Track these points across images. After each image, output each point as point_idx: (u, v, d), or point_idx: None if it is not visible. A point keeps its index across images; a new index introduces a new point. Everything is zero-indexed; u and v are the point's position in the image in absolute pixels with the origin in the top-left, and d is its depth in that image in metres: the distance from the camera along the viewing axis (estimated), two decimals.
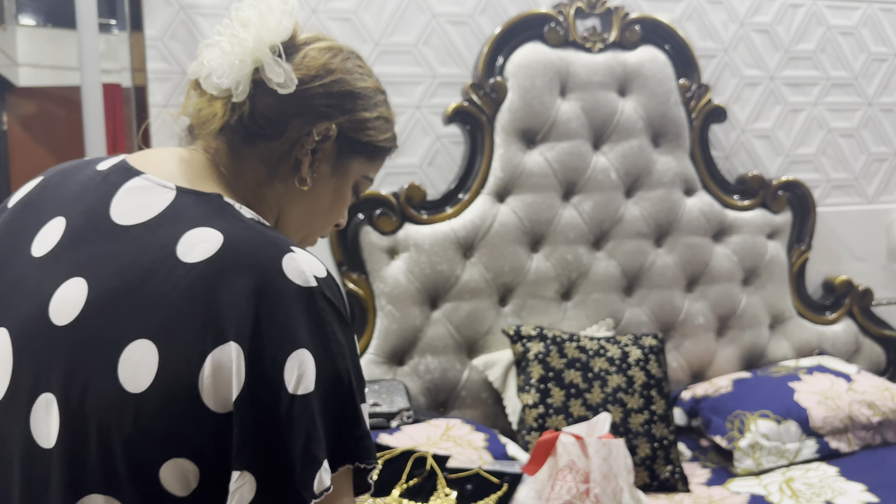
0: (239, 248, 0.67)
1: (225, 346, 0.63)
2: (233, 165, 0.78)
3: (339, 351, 0.67)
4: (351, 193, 0.85)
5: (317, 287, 0.67)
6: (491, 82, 2.06)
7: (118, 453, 0.63)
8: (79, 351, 0.66)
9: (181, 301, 0.65)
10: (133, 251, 0.68)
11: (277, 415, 0.63)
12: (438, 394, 2.01)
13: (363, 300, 1.98)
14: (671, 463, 1.82)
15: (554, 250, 2.09)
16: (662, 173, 2.19)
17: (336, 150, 0.80)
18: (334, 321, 0.67)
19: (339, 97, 0.78)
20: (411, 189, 2.01)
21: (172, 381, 0.63)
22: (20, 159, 1.99)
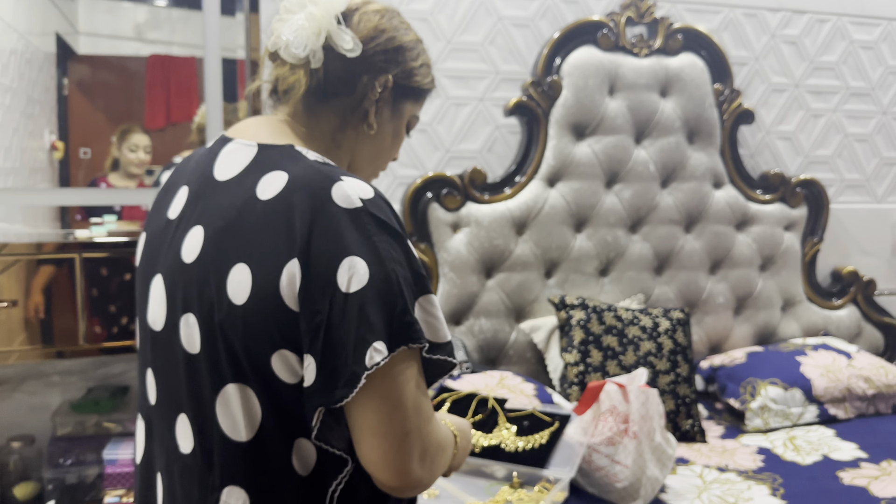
0: (299, 183, 0.81)
1: (293, 260, 0.78)
2: (309, 121, 0.93)
3: (387, 255, 0.78)
4: (405, 131, 1.01)
5: (362, 207, 0.80)
6: (548, 80, 2.33)
7: (240, 352, 0.80)
8: (204, 279, 0.83)
9: (262, 230, 0.80)
10: (230, 198, 0.85)
11: (333, 309, 0.77)
12: (489, 351, 2.31)
13: (428, 267, 2.26)
14: (692, 417, 2.11)
15: (595, 232, 2.37)
16: (695, 168, 2.46)
17: (392, 96, 0.95)
18: (381, 232, 0.80)
19: (392, 52, 0.93)
20: (474, 172, 2.29)
21: (262, 291, 0.79)
22: (79, 123, 2.12)
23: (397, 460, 0.78)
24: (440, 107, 2.35)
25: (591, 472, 1.71)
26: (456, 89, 2.37)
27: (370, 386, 0.76)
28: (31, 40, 2.10)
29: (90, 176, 2.15)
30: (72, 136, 2.12)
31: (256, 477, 0.82)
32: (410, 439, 0.78)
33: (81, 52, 2.15)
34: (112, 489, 1.71)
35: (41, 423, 1.93)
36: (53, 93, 2.12)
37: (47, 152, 2.12)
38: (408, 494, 0.82)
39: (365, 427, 0.78)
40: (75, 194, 2.11)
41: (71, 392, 1.98)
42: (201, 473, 0.84)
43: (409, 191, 2.25)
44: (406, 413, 0.78)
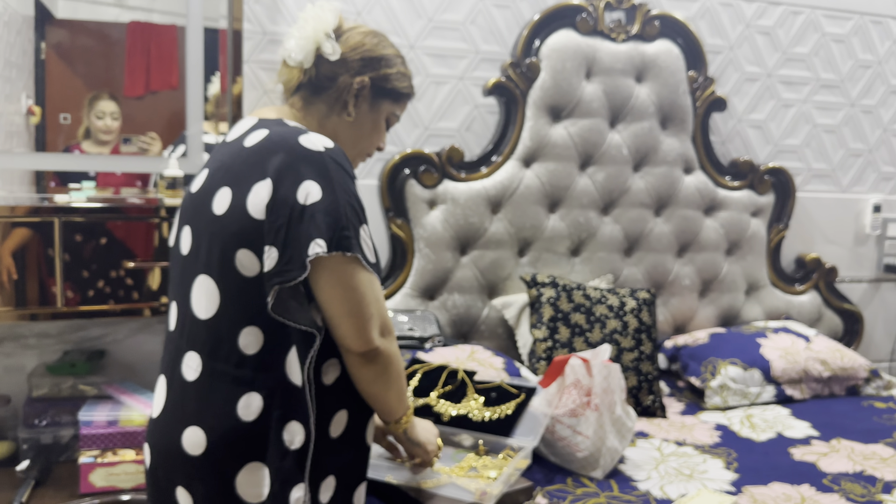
0: (275, 135, 1.13)
1: (264, 181, 1.08)
2: (304, 108, 1.24)
3: (338, 186, 1.07)
4: (384, 125, 1.29)
5: (324, 151, 1.10)
6: (527, 62, 2.36)
7: (213, 250, 1.10)
8: (199, 201, 1.15)
9: (243, 165, 1.11)
10: (229, 150, 1.17)
11: (292, 214, 1.05)
12: (462, 326, 2.36)
13: (405, 242, 2.31)
14: (653, 394, 2.19)
15: (568, 212, 2.43)
16: (667, 153, 2.53)
17: (371, 94, 1.24)
18: (336, 170, 1.08)
19: (369, 60, 1.23)
20: (451, 150, 2.33)
21: (235, 204, 1.09)
22: (56, 87, 2.11)
23: (364, 332, 1.08)
24: (420, 84, 2.38)
25: (553, 441, 1.77)
26: (436, 67, 2.40)
27: (335, 280, 1.07)
28: (8, 2, 2.07)
29: (66, 142, 2.14)
30: (49, 101, 2.11)
31: (210, 347, 1.11)
32: (374, 319, 1.09)
33: (60, 15, 2.14)
34: (87, 450, 1.75)
35: (17, 384, 1.95)
36: (31, 57, 2.10)
37: (24, 116, 2.11)
38: (371, 364, 1.11)
39: (338, 312, 1.08)
40: (54, 159, 2.12)
41: (47, 354, 2.01)
42: (177, 341, 1.16)
43: (387, 167, 2.28)
44: (367, 301, 1.08)
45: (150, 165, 2.18)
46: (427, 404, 1.81)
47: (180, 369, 1.14)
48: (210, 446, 1.10)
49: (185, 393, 1.13)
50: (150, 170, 2.19)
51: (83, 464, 1.70)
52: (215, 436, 1.09)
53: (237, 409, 1.09)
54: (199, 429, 1.10)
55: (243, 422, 1.09)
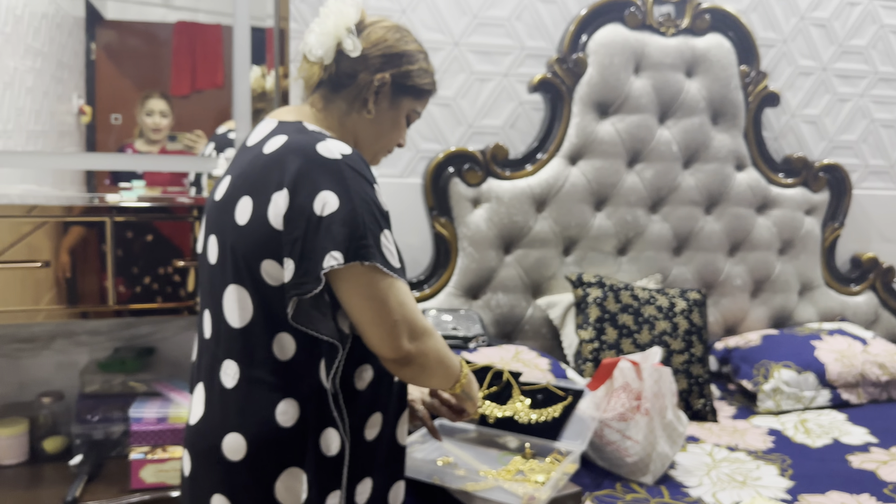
0: (293, 142, 1.10)
1: (281, 191, 1.05)
2: (325, 107, 1.20)
3: (355, 194, 1.04)
4: (405, 122, 1.26)
5: (341, 159, 1.07)
6: (574, 57, 2.32)
7: (240, 260, 1.09)
8: (223, 210, 1.13)
9: (262, 173, 1.09)
10: (248, 156, 1.14)
11: (308, 226, 1.03)
12: (505, 325, 2.34)
13: (448, 241, 2.29)
14: (704, 397, 2.14)
15: (615, 210, 2.38)
16: (718, 149, 2.46)
17: (391, 91, 1.21)
18: (354, 177, 1.05)
19: (390, 57, 1.19)
20: (496, 148, 2.30)
21: (256, 214, 1.07)
22: (106, 88, 2.14)
23: (392, 339, 1.06)
24: (464, 81, 2.36)
25: (602, 446, 1.74)
26: (480, 64, 2.37)
27: (355, 290, 1.04)
28: (61, 4, 2.12)
29: (120, 141, 2.17)
30: (99, 101, 2.14)
31: (246, 355, 1.11)
32: (399, 325, 1.06)
33: (109, 17, 2.17)
34: (137, 446, 1.77)
35: (70, 380, 1.99)
36: (82, 57, 2.14)
37: (75, 116, 2.14)
38: (407, 367, 1.09)
39: (363, 321, 1.06)
40: (99, 159, 2.15)
41: (98, 352, 2.04)
42: (213, 349, 1.15)
43: (431, 165, 2.27)
44: (391, 308, 1.05)
45: (196, 165, 2.20)
46: None
47: (219, 377, 1.14)
48: (250, 452, 1.10)
49: (225, 400, 1.13)
50: (196, 169, 2.21)
51: (134, 460, 1.73)
52: (255, 442, 1.10)
53: (275, 416, 1.10)
54: (240, 435, 1.11)
55: (282, 427, 1.09)
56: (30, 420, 1.87)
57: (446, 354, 1.17)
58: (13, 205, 1.67)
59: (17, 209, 1.66)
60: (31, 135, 2.11)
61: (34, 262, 1.67)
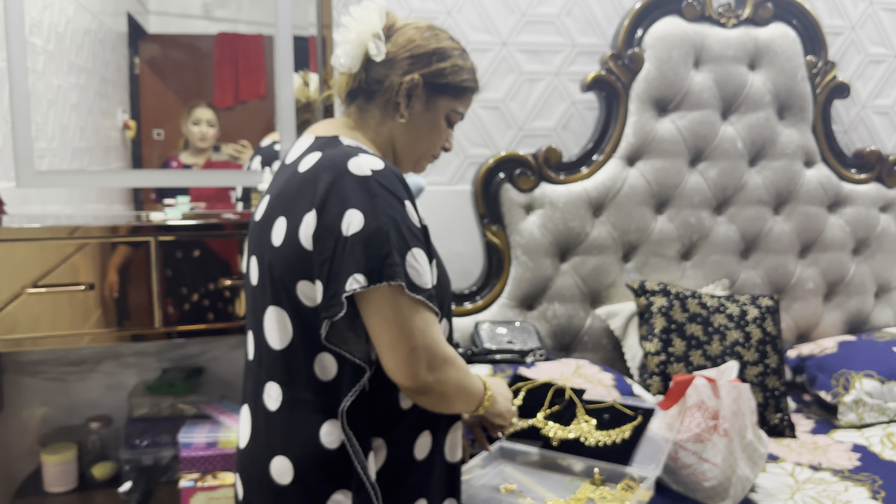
0: (326, 160, 1.07)
1: (311, 211, 1.03)
2: (360, 118, 1.18)
3: (382, 212, 1.01)
4: (445, 124, 1.20)
5: (370, 175, 1.03)
6: (629, 53, 2.20)
7: (277, 282, 1.07)
8: (262, 231, 1.12)
9: (297, 193, 1.07)
10: (286, 174, 1.13)
11: (335, 247, 1.01)
12: (563, 337, 2.23)
13: (500, 250, 2.19)
14: (781, 411, 2.00)
15: (678, 213, 2.25)
16: (785, 145, 2.31)
17: (425, 92, 1.16)
18: (382, 194, 1.02)
19: (419, 57, 1.14)
20: (548, 151, 2.20)
21: (290, 235, 1.05)
22: (150, 102, 2.14)
23: (408, 367, 1.01)
24: (513, 83, 2.26)
25: (676, 469, 1.62)
26: (530, 64, 2.27)
27: (377, 311, 1.01)
28: (103, 20, 2.11)
29: (164, 156, 2.15)
30: (143, 115, 2.13)
31: (288, 377, 1.09)
32: (417, 352, 1.01)
33: (152, 31, 2.16)
34: (187, 472, 1.71)
35: (118, 403, 1.94)
36: (126, 72, 2.14)
37: (120, 131, 2.13)
38: (424, 396, 1.05)
39: (381, 343, 1.02)
40: (143, 176, 2.11)
41: (146, 373, 1.99)
42: (256, 371, 1.14)
43: (480, 171, 2.17)
44: (411, 333, 1.01)
45: (243, 179, 2.14)
46: (534, 426, 1.68)
47: (262, 399, 1.13)
48: (298, 475, 1.08)
49: (270, 423, 1.12)
50: (242, 184, 2.16)
51: (184, 488, 1.66)
52: (301, 464, 1.08)
53: (320, 437, 1.07)
54: (286, 458, 1.09)
55: (327, 449, 1.07)
56: (78, 445, 1.82)
57: (467, 382, 1.13)
58: (56, 226, 1.62)
59: (60, 231, 1.61)
60: (76, 152, 2.09)
61: (78, 285, 1.62)
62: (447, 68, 1.15)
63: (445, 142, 1.22)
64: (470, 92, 1.20)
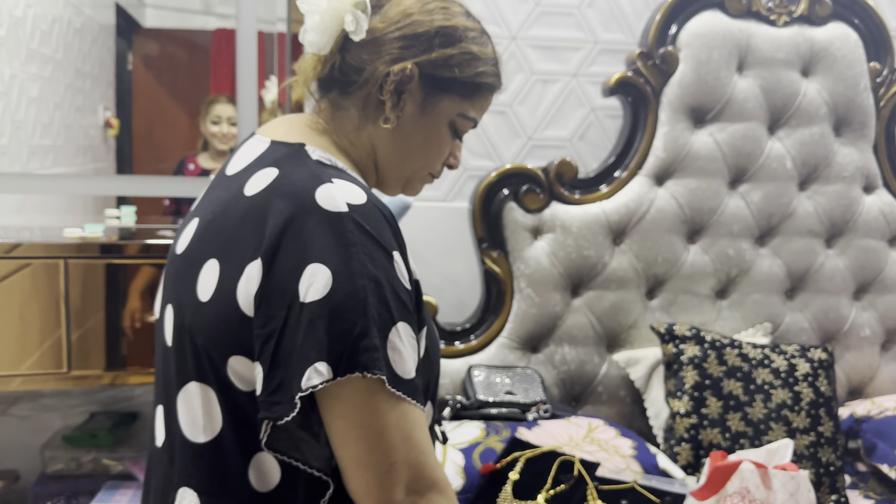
0: (284, 182, 0.77)
1: (256, 260, 0.73)
2: (333, 118, 0.86)
3: (360, 269, 0.71)
4: (449, 133, 0.88)
5: (347, 212, 0.74)
6: (661, 52, 1.86)
7: (202, 351, 0.77)
8: (184, 271, 0.81)
9: (237, 226, 0.77)
10: (225, 192, 0.81)
11: (289, 317, 0.71)
12: (573, 386, 1.88)
13: (501, 280, 1.85)
14: (836, 492, 1.64)
15: (714, 243, 1.90)
16: (842, 166, 1.96)
17: (422, 89, 0.84)
18: (363, 242, 0.73)
19: (413, 38, 0.82)
20: (562, 165, 1.86)
21: (224, 290, 0.75)
22: (143, 99, 2.01)
23: (382, 491, 0.72)
24: (523, 84, 1.92)
25: None
26: (543, 62, 1.93)
27: (344, 412, 0.71)
28: (82, 9, 1.97)
29: (161, 156, 2.02)
30: (136, 112, 2.01)
31: (210, 484, 0.79)
32: (396, 471, 0.72)
33: (148, 25, 2.04)
34: None
35: (29, 455, 1.61)
36: (111, 66, 2.00)
37: (101, 129, 1.98)
38: None
39: (347, 457, 0.73)
40: (97, 182, 1.84)
41: (71, 417, 1.66)
42: (166, 468, 0.84)
43: (481, 186, 1.83)
44: (391, 444, 0.72)
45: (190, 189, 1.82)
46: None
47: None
48: None
49: None
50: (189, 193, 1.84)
51: None
52: None
53: None
54: None
55: None
56: None
57: None
58: None
59: None
60: (34, 151, 1.88)
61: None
62: (455, 56, 0.84)
63: (450, 157, 0.91)
64: (487, 91, 0.89)
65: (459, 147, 0.92)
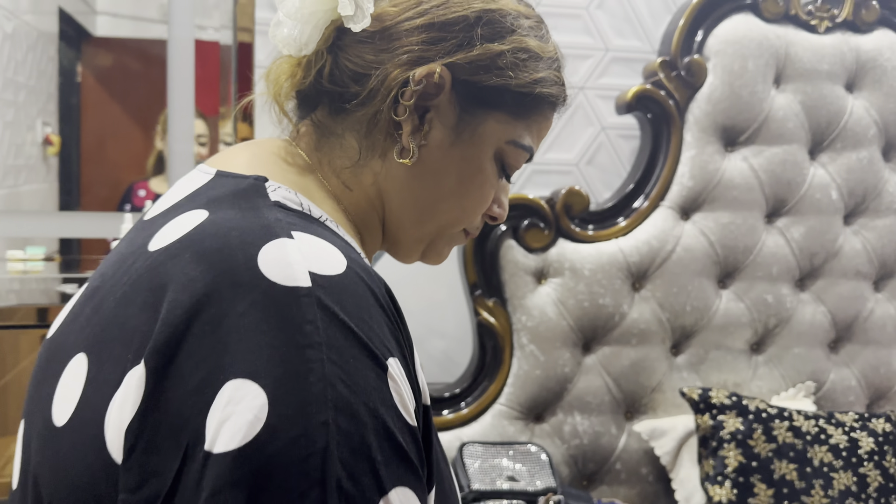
0: (209, 231, 0.48)
1: (138, 364, 0.43)
2: (319, 149, 0.58)
3: (321, 392, 0.41)
4: (494, 169, 0.60)
5: (309, 288, 0.44)
6: (686, 61, 1.56)
7: (47, 497, 0.47)
8: (46, 369, 0.52)
9: (121, 301, 0.47)
10: (128, 246, 0.53)
11: (179, 478, 0.41)
12: (586, 464, 1.55)
13: (498, 334, 1.52)
14: None
15: (750, 287, 1.60)
16: (894, 196, 1.68)
17: (457, 104, 0.57)
18: (332, 343, 0.43)
19: (443, 29, 0.55)
20: (570, 195, 1.54)
21: (87, 410, 0.45)
22: (93, 114, 1.85)
23: None
24: None
25: None
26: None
27: None
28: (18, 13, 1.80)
29: (112, 176, 1.80)
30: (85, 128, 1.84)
31: None
32: None
33: (99, 34, 1.88)
34: None
35: None
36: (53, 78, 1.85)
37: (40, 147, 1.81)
38: None
39: None
40: None
41: None
42: None
43: None
44: None
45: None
46: None
47: None
48: None
49: None
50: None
51: None
52: None
53: None
54: None
55: None
56: None
57: None
58: None
59: None
60: None
61: None
62: (505, 55, 0.57)
63: (494, 204, 0.63)
64: (548, 106, 0.61)
65: (507, 190, 0.63)
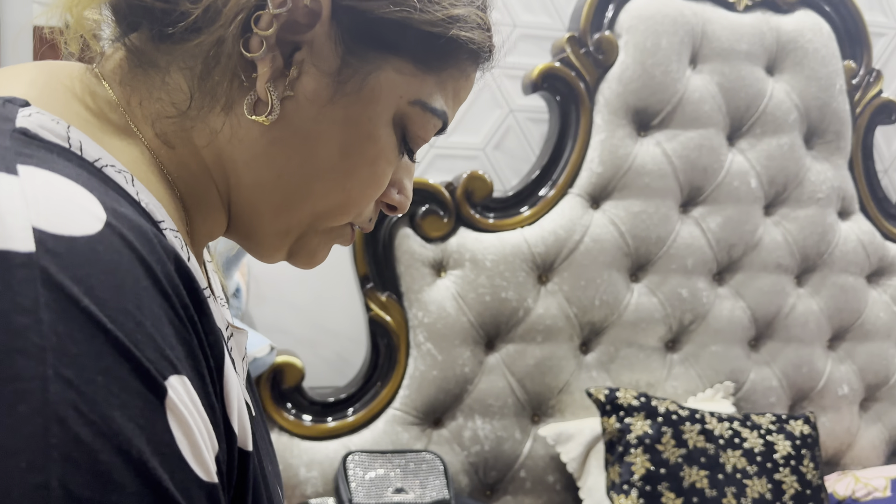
0: None
1: None
2: (130, 83, 0.40)
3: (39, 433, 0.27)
4: (392, 138, 0.43)
5: (29, 254, 0.29)
6: (596, 38, 1.46)
7: None
8: None
9: None
10: None
11: None
12: (488, 472, 1.42)
13: (393, 332, 1.39)
14: None
15: (664, 281, 1.49)
16: (816, 186, 1.59)
17: (340, 41, 0.40)
18: (65, 350, 0.28)
19: None
20: (472, 180, 1.42)
21: None
22: None
23: None
24: None
25: None
26: None
27: None
28: None
29: None
30: None
31: None
32: None
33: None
34: None
35: None
36: None
37: None
38: None
39: None
40: None
41: None
42: None
43: None
44: None
45: None
46: None
47: None
48: None
49: None
50: None
51: None
52: None
53: None
54: None
55: None
56: None
57: None
58: None
59: None
60: None
61: None
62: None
63: (392, 189, 0.46)
64: (467, 57, 0.44)
65: (410, 171, 0.47)
